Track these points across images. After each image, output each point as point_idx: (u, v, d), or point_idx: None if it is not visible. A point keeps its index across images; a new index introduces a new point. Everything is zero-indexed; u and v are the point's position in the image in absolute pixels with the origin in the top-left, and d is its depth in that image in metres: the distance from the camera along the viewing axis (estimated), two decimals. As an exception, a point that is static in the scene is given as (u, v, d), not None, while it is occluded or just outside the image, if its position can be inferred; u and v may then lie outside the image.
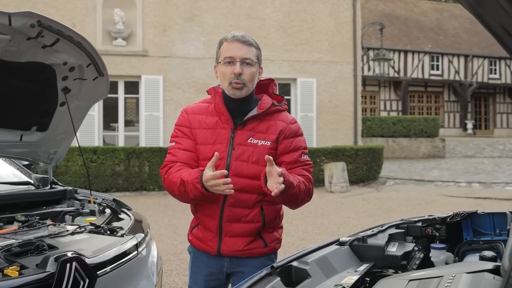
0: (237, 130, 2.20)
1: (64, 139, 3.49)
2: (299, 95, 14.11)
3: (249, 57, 2.15)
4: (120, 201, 3.45)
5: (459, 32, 29.73)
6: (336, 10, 14.42)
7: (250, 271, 2.20)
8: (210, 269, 2.31)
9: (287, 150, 2.23)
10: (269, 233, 2.29)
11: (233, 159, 2.17)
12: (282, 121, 2.25)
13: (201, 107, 2.30)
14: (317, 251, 2.10)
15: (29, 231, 2.72)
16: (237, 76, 2.12)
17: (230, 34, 2.19)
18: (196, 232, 2.33)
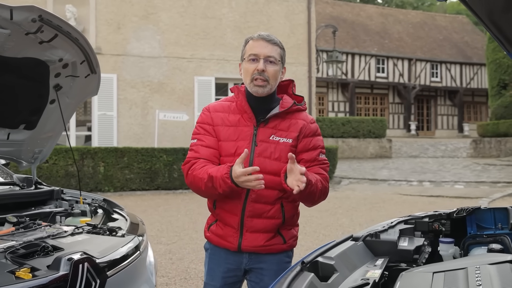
0: (259, 127, 2.24)
1: (50, 137, 3.39)
2: (255, 95, 14.20)
3: (272, 55, 2.20)
4: (111, 201, 3.39)
5: (403, 36, 30.77)
6: (291, 12, 14.61)
7: (268, 267, 2.28)
8: (228, 265, 2.32)
9: (307, 148, 2.28)
10: (288, 230, 2.33)
11: (256, 156, 2.21)
12: (303, 120, 2.30)
13: (223, 105, 2.34)
14: (335, 247, 2.17)
15: (27, 233, 2.63)
16: (260, 73, 2.17)
17: (256, 34, 2.26)
18: (215, 229, 2.35)
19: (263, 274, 2.30)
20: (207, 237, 2.43)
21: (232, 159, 2.17)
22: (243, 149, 2.13)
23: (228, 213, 2.26)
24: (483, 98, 32.02)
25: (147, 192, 11.85)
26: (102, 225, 2.87)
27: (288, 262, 2.37)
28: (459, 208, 2.43)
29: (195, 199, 11.00)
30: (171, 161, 12.13)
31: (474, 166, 16.24)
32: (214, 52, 14.03)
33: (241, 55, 2.30)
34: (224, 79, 14.22)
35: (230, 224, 2.27)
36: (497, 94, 21.78)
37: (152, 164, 11.99)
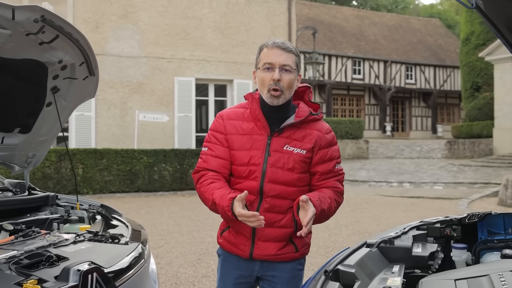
0: (273, 136, 2.19)
1: (45, 141, 3.28)
2: (235, 96, 14.13)
3: (288, 63, 2.12)
4: (109, 207, 3.30)
5: (378, 38, 31.10)
6: (272, 13, 14.61)
7: (281, 275, 2.26)
8: (240, 272, 2.30)
9: (323, 160, 2.23)
10: (300, 239, 2.28)
11: (268, 166, 2.17)
12: (318, 130, 2.24)
13: (237, 112, 2.28)
14: (352, 254, 2.14)
15: (26, 241, 2.54)
16: (276, 82, 2.11)
17: (270, 41, 2.17)
18: (227, 236, 2.31)
19: (275, 282, 2.28)
20: (220, 243, 2.39)
21: (245, 169, 2.18)
22: (256, 159, 2.16)
23: (241, 222, 2.15)
24: (455, 100, 32.61)
25: (127, 194, 11.69)
26: (103, 233, 2.79)
27: (300, 269, 2.34)
28: (470, 214, 2.43)
29: (177, 201, 10.90)
30: (152, 162, 11.99)
31: (450, 167, 16.50)
32: (194, 52, 13.92)
33: (255, 63, 2.22)
34: (205, 80, 14.12)
35: (242, 232, 2.23)
36: (470, 96, 22.19)
37: (132, 165, 11.83)
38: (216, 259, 5.75)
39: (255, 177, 2.17)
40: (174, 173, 12.20)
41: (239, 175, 2.22)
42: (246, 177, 2.20)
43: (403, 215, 8.54)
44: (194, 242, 6.68)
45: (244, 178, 2.20)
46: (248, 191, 2.10)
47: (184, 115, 13.76)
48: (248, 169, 2.18)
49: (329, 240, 6.80)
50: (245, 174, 2.19)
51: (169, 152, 12.20)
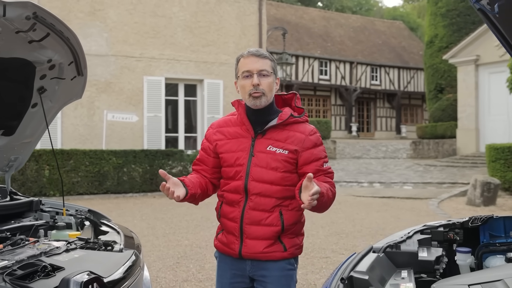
0: (257, 138, 2.35)
1: (28, 144, 3.14)
2: (206, 96, 14.02)
3: (264, 68, 2.29)
4: (97, 212, 3.17)
5: (344, 40, 31.45)
6: (242, 13, 14.55)
7: (270, 274, 2.36)
8: (234, 271, 2.42)
9: (309, 160, 2.33)
10: (290, 239, 2.37)
11: (252, 165, 2.32)
12: (301, 132, 2.35)
13: (226, 120, 2.49)
14: (362, 260, 2.12)
15: (15, 250, 2.40)
16: (256, 87, 2.27)
17: (245, 51, 2.35)
18: (221, 237, 2.47)
19: (266, 282, 2.37)
20: (215, 245, 2.53)
21: (232, 169, 2.37)
22: (241, 160, 2.35)
23: (230, 221, 2.38)
24: (418, 101, 33.29)
25: (96, 196, 11.43)
26: (95, 240, 2.67)
27: (291, 269, 2.41)
28: (473, 217, 2.44)
29: (148, 203, 10.72)
30: (121, 163, 11.76)
31: (416, 167, 16.80)
32: (164, 51, 13.73)
33: (235, 74, 2.40)
34: (175, 79, 13.94)
35: (231, 231, 2.38)
36: (434, 97, 22.62)
37: (100, 166, 11.57)
38: (196, 263, 5.68)
39: (240, 176, 2.34)
40: (144, 174, 12.00)
41: (227, 176, 2.40)
42: (233, 177, 2.37)
43: (377, 215, 8.62)
44: (171, 246, 6.56)
45: (231, 178, 2.38)
46: (235, 190, 2.34)
47: (153, 115, 13.55)
48: (234, 170, 2.36)
49: (307, 242, 6.77)
50: (231, 175, 2.37)
51: (139, 153, 11.99)
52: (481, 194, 9.30)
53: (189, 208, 9.84)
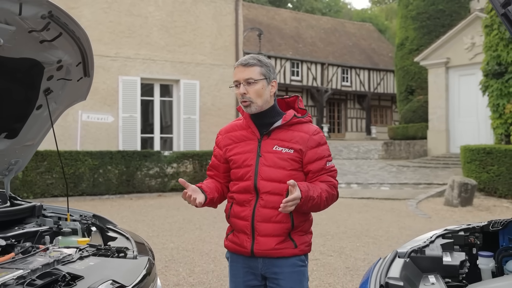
0: (263, 139, 2.46)
1: (30, 147, 3.03)
2: (182, 97, 13.88)
3: (250, 76, 2.38)
4: (102, 217, 3.08)
5: (315, 41, 31.67)
6: (218, 13, 14.47)
7: (282, 271, 2.42)
8: (246, 269, 2.49)
9: (313, 159, 2.43)
10: (299, 236, 2.45)
11: (260, 165, 2.43)
12: (305, 132, 2.46)
13: (233, 125, 2.61)
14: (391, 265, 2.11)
15: (27, 258, 2.31)
16: (243, 96, 2.39)
17: (237, 61, 2.47)
18: (232, 237, 2.53)
19: (278, 278, 2.44)
20: (226, 246, 2.59)
21: (239, 170, 2.48)
22: (249, 161, 2.46)
23: (241, 220, 2.46)
24: (388, 103, 33.81)
25: (71, 198, 11.15)
26: (107, 246, 2.60)
27: (302, 266, 2.48)
28: (492, 221, 2.46)
29: (126, 205, 10.54)
30: (97, 165, 11.53)
31: (389, 168, 17.02)
32: (139, 51, 13.53)
33: None
34: (150, 80, 13.76)
35: (243, 230, 2.45)
36: (405, 99, 23.00)
37: (76, 168, 11.31)
38: (186, 266, 5.60)
39: (249, 176, 2.43)
40: (120, 176, 11.79)
41: (236, 177, 2.50)
42: (241, 178, 2.46)
43: (359, 216, 8.69)
44: (157, 249, 6.45)
45: (239, 179, 2.48)
46: (245, 190, 2.44)
47: (129, 115, 13.34)
48: (242, 171, 2.45)
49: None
50: (239, 175, 2.46)
51: (116, 154, 11.78)
52: (458, 195, 9.49)
53: (168, 210, 9.73)
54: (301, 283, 2.49)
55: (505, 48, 11.56)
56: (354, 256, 6.07)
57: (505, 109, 11.58)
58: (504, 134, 11.73)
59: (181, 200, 2.54)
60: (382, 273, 1.98)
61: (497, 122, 11.83)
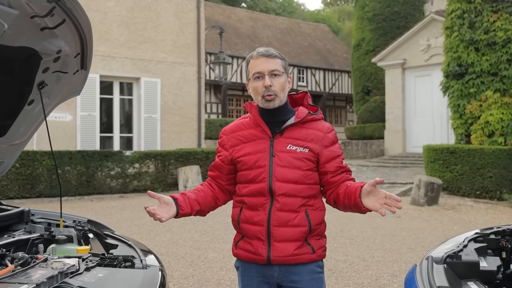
0: (275, 138, 2.31)
1: (17, 146, 2.75)
2: (142, 95, 13.50)
3: (276, 68, 2.25)
4: (98, 222, 2.84)
5: (271, 41, 31.67)
6: (180, 10, 14.16)
7: (300, 278, 2.27)
8: (260, 278, 2.32)
9: (330, 158, 2.32)
10: (316, 240, 2.33)
11: (275, 166, 2.27)
12: (320, 130, 2.35)
13: (239, 124, 2.43)
14: (432, 271, 2.01)
15: (27, 271, 2.06)
16: (268, 89, 2.23)
17: (255, 52, 2.31)
18: (243, 244, 2.36)
19: (296, 287, 2.29)
20: (236, 254, 2.42)
21: (251, 172, 2.30)
22: (261, 161, 2.28)
23: (254, 225, 2.29)
24: (343, 103, 34.23)
25: (28, 200, 10.62)
26: (111, 255, 2.37)
27: (320, 272, 2.35)
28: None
29: (87, 207, 10.12)
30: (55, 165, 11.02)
31: (349, 167, 17.17)
32: (98, 48, 13.04)
33: (246, 76, 2.38)
34: (110, 77, 13.30)
35: (257, 236, 2.29)
36: (361, 99, 23.34)
37: (33, 169, 10.78)
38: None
39: (263, 178, 2.26)
40: (80, 177, 11.33)
41: (246, 179, 2.32)
42: (253, 180, 2.29)
43: (330, 216, 8.58)
44: (129, 253, 6.17)
45: (250, 181, 2.30)
46: (258, 193, 2.26)
47: (87, 114, 12.85)
48: (254, 172, 2.28)
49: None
50: (250, 177, 2.29)
51: (75, 154, 11.31)
52: (425, 194, 9.62)
53: (134, 212, 9.40)
54: None
55: (465, 50, 11.84)
56: (335, 258, 5.99)
57: (465, 109, 11.86)
58: (464, 134, 12.01)
59: (145, 201, 2.40)
60: (426, 282, 1.87)
61: (457, 122, 12.11)
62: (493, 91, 11.43)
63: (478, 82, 11.64)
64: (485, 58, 11.56)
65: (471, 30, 11.77)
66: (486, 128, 11.40)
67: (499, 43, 11.36)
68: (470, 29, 11.79)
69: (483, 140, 11.43)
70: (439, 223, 8.24)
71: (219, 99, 28.28)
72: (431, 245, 6.69)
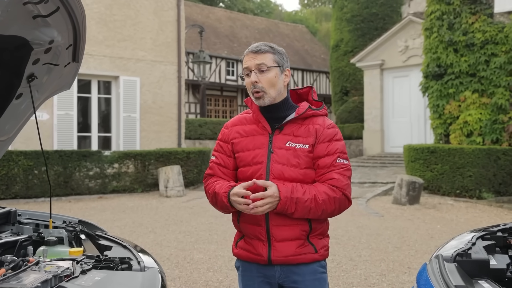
0: (274, 134, 2.26)
1: (3, 143, 2.61)
2: (121, 94, 13.27)
3: (262, 62, 2.19)
4: (89, 222, 2.72)
5: (250, 41, 31.62)
6: (160, 8, 13.98)
7: (303, 279, 2.22)
8: (261, 279, 2.28)
9: (322, 154, 2.23)
10: (318, 239, 2.28)
11: (272, 163, 2.21)
12: (320, 125, 2.28)
13: (241, 119, 2.39)
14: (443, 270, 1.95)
15: (19, 274, 1.94)
16: (254, 85, 2.19)
17: (247, 49, 2.29)
18: (243, 244, 2.32)
19: (299, 287, 2.23)
20: (236, 254, 2.37)
21: (248, 169, 2.25)
22: (259, 158, 2.23)
23: (253, 225, 2.24)
24: (320, 103, 34.36)
25: (2, 202, 10.31)
26: (105, 256, 2.26)
27: (323, 272, 2.29)
28: (525, 220, 2.38)
29: (65, 208, 9.88)
30: (32, 165, 10.75)
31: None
32: (76, 45, 12.78)
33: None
34: (88, 76, 13.03)
35: (257, 236, 2.23)
36: (340, 100, 23.44)
37: (8, 169, 10.49)
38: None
39: (260, 175, 2.20)
40: (57, 177, 11.06)
41: (244, 177, 2.26)
42: (250, 177, 2.20)
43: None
44: (112, 254, 6.02)
45: (248, 178, 2.21)
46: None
47: (64, 113, 12.57)
48: (251, 169, 2.23)
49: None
50: (248, 174, 2.23)
51: (53, 154, 11.04)
52: (406, 193, 9.66)
53: (114, 213, 9.21)
54: None
55: (444, 51, 11.96)
56: (322, 257, 5.94)
57: (444, 109, 11.97)
58: (443, 134, 12.13)
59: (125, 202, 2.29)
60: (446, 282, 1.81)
61: (437, 122, 12.21)
62: (471, 91, 11.57)
63: (457, 83, 11.77)
64: (463, 59, 11.69)
65: (450, 32, 11.89)
66: (464, 128, 11.53)
67: (477, 45, 11.50)
68: (449, 30, 11.92)
69: (462, 140, 11.56)
70: (422, 221, 8.27)
71: (198, 99, 28.08)
72: (416, 243, 6.70)
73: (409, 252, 6.24)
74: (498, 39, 11.22)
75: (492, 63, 11.27)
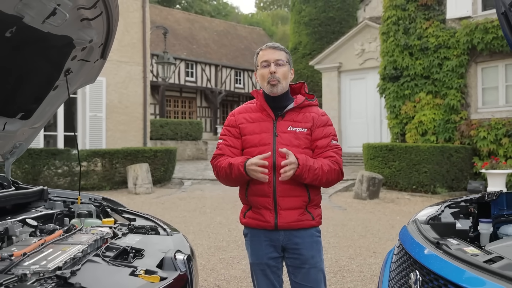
0: (278, 121, 2.68)
1: (35, 130, 2.93)
2: (87, 94, 13.38)
3: (280, 58, 2.65)
4: (112, 200, 3.06)
5: (209, 43, 31.93)
6: (125, 10, 14.16)
7: (303, 241, 2.65)
8: (268, 242, 2.68)
9: (320, 136, 2.70)
10: (314, 209, 2.72)
11: (278, 144, 2.62)
12: (315, 113, 2.75)
13: (246, 107, 2.81)
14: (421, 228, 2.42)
15: (72, 236, 2.28)
16: (273, 75, 2.61)
17: (264, 45, 2.74)
18: (251, 214, 2.70)
19: (299, 248, 2.65)
20: (245, 223, 2.77)
21: (255, 149, 2.64)
22: (265, 140, 2.65)
23: (262, 197, 2.62)
24: (278, 105, 34.98)
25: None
26: (135, 224, 2.63)
27: (318, 236, 2.75)
28: (487, 193, 2.88)
29: (36, 205, 9.96)
30: (0, 163, 10.75)
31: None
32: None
33: (255, 66, 2.78)
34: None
35: (265, 206, 2.62)
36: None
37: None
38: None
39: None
40: (25, 176, 11.11)
41: (250, 155, 2.60)
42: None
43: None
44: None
45: None
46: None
47: (30, 112, 12.57)
48: (258, 149, 2.62)
49: (220, 244, 6.98)
50: (255, 154, 2.58)
51: (21, 152, 11.07)
52: (367, 189, 10.27)
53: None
54: (319, 252, 2.73)
55: (401, 54, 12.71)
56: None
57: (400, 110, 12.71)
58: (399, 133, 12.87)
59: None
60: (424, 235, 2.28)
61: (393, 122, 12.94)
62: (426, 93, 12.35)
63: (412, 85, 12.54)
64: (418, 62, 12.47)
65: (406, 36, 12.65)
66: (419, 128, 12.30)
67: (431, 48, 12.30)
68: (405, 34, 12.68)
69: (417, 139, 12.32)
70: (383, 214, 8.87)
71: (157, 100, 28.12)
72: (379, 232, 7.26)
73: (373, 240, 6.78)
74: (450, 44, 12.05)
75: (444, 66, 12.09)
